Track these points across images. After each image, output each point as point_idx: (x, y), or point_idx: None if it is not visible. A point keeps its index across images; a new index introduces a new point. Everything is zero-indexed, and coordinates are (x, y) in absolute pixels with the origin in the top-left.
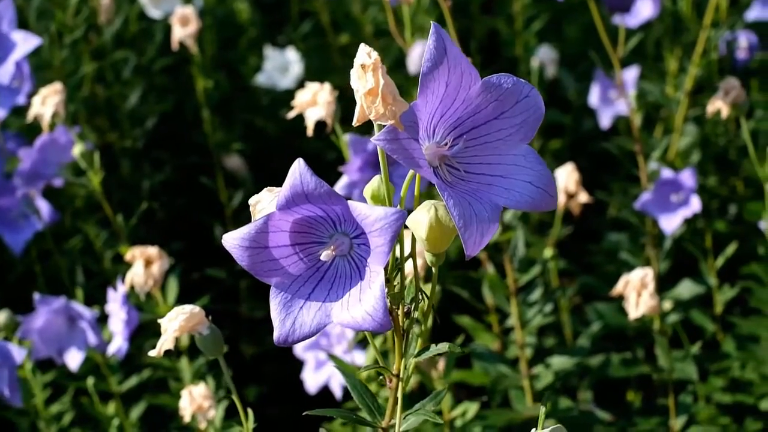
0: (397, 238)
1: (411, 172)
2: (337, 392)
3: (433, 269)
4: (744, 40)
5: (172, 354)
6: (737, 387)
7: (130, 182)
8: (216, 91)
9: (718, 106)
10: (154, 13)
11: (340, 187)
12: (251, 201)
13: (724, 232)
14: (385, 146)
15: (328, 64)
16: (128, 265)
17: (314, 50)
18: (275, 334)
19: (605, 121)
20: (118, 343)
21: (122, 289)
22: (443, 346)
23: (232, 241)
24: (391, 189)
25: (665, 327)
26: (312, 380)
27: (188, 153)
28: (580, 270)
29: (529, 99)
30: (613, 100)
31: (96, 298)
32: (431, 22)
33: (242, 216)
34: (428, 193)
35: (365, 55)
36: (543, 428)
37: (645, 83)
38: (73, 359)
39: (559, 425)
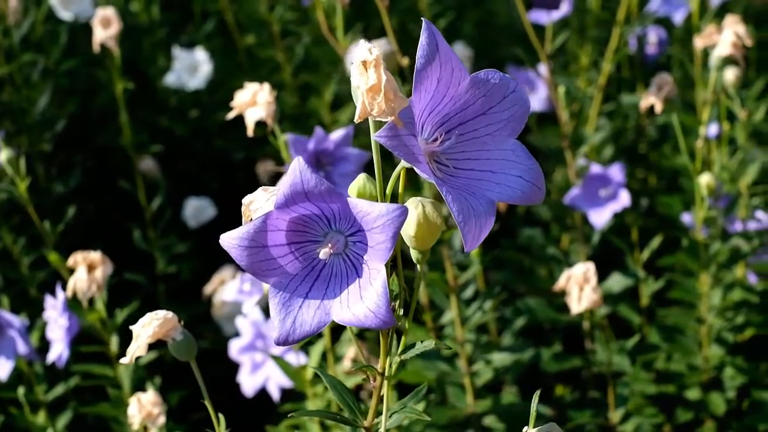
0: (398, 235)
1: (396, 170)
2: (275, 394)
3: (419, 267)
4: (654, 35)
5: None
6: (662, 378)
7: (42, 186)
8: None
9: (652, 101)
10: (65, 14)
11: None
12: (245, 201)
13: (638, 225)
14: (386, 143)
15: (234, 65)
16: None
17: (219, 51)
18: (275, 334)
19: None
20: (58, 350)
21: (62, 295)
22: (429, 343)
23: (231, 240)
24: (381, 186)
25: (598, 320)
26: (249, 383)
27: (96, 156)
28: (492, 265)
29: (515, 94)
30: None
31: (15, 305)
32: (423, 19)
33: (161, 219)
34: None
35: (366, 51)
36: (534, 427)
37: (556, 79)
38: (2, 369)
39: (552, 423)
